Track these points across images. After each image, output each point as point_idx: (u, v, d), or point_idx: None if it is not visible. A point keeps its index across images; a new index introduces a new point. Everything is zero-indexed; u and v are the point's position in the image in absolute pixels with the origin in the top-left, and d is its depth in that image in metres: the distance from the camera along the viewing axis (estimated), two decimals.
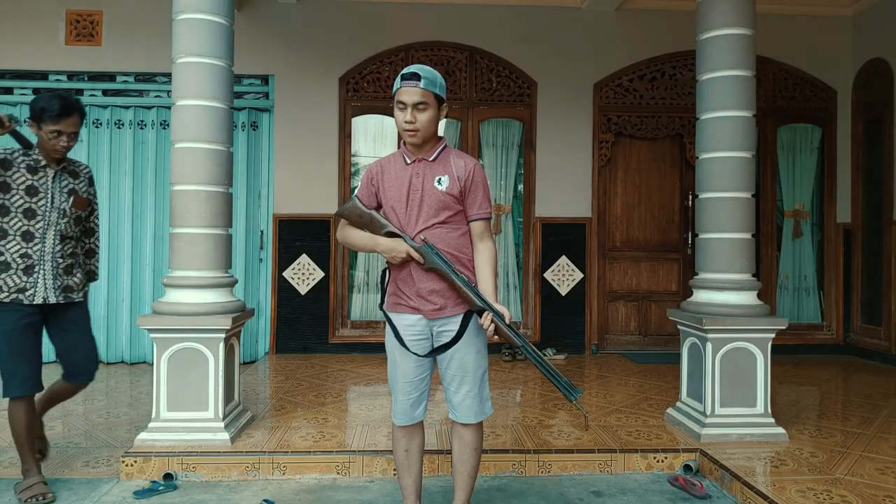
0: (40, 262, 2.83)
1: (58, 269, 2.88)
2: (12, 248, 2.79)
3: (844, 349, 6.23)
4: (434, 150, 2.38)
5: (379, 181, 2.44)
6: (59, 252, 2.88)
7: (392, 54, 6.07)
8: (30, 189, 2.82)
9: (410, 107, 2.28)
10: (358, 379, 4.97)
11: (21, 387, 2.81)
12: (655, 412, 4.08)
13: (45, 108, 2.73)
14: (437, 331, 2.39)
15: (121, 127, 5.87)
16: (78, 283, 2.98)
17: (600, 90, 6.18)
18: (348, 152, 6.07)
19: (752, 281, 3.64)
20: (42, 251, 2.84)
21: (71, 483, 3.06)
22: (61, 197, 2.89)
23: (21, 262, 2.80)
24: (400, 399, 2.47)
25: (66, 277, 2.91)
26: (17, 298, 2.78)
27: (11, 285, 2.78)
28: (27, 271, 2.81)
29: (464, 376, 2.39)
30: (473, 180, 2.36)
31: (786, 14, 6.14)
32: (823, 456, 3.28)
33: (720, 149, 3.65)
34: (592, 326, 6.18)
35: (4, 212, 2.79)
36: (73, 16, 5.81)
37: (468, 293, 2.25)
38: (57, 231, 2.87)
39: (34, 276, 2.81)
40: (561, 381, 2.19)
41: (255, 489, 3.06)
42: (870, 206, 6.12)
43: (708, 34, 3.69)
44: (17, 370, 2.80)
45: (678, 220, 6.33)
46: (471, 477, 2.49)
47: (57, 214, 2.87)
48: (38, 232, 2.83)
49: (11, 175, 2.80)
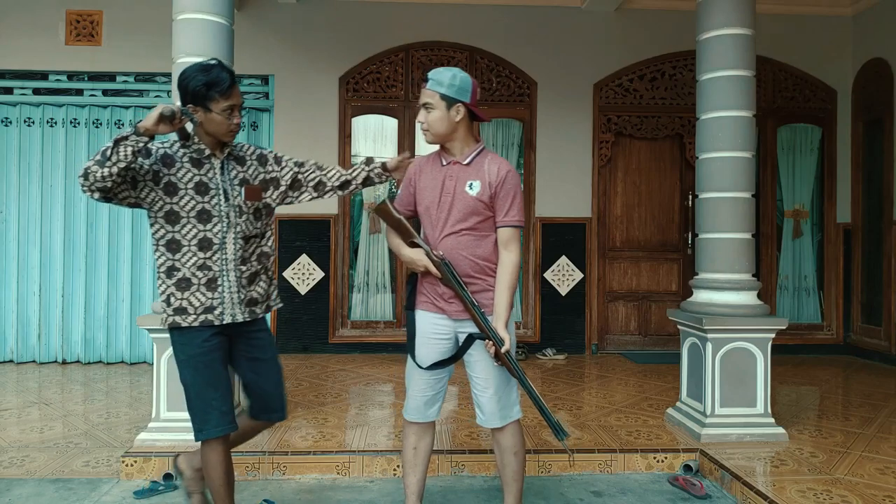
0: (222, 272, 2.32)
1: (241, 278, 2.36)
2: (189, 261, 2.29)
3: (844, 349, 6.23)
4: (469, 154, 2.37)
5: (416, 181, 2.45)
6: (241, 257, 2.36)
7: (392, 54, 6.07)
8: (199, 186, 2.29)
9: (420, 107, 2.35)
10: (358, 379, 4.97)
11: (220, 424, 2.30)
12: (655, 412, 4.08)
13: (212, 82, 2.20)
14: (460, 331, 2.39)
15: (121, 127, 5.86)
16: (262, 295, 2.44)
17: (600, 90, 6.18)
18: (348, 152, 6.07)
19: (752, 281, 3.64)
20: (223, 259, 2.32)
21: (71, 483, 3.06)
22: (233, 191, 2.35)
23: (202, 275, 2.30)
24: (415, 395, 2.47)
25: (248, 288, 2.38)
26: (207, 320, 2.29)
27: (197, 304, 2.29)
28: (210, 286, 2.30)
29: (487, 379, 2.38)
30: (504, 186, 2.33)
31: (786, 14, 6.14)
32: (823, 456, 3.28)
33: (720, 149, 3.65)
34: (592, 326, 6.18)
35: (175, 218, 2.27)
36: (73, 16, 5.82)
37: (476, 317, 2.26)
38: (238, 232, 2.34)
39: (219, 291, 2.31)
40: (552, 421, 2.25)
41: (255, 489, 3.06)
42: (870, 206, 6.12)
43: (708, 34, 3.69)
44: (211, 404, 2.29)
45: (678, 220, 6.33)
46: (514, 480, 2.47)
47: (234, 212, 2.34)
48: (216, 237, 2.30)
49: (176, 173, 2.27)
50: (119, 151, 2.03)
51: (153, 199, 2.25)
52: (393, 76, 6.09)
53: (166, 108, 2.08)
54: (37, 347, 5.78)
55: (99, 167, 2.04)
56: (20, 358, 5.76)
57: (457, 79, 2.30)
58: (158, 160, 2.26)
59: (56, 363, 5.75)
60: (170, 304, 2.29)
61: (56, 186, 5.78)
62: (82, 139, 5.81)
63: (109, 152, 2.03)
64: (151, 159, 2.24)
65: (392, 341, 5.98)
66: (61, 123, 5.81)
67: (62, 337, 5.77)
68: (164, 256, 2.29)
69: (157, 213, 2.28)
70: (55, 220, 5.79)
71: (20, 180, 5.77)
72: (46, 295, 5.78)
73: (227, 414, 2.32)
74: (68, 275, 5.78)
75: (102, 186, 2.08)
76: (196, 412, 2.30)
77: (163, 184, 2.25)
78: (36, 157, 5.78)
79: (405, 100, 6.09)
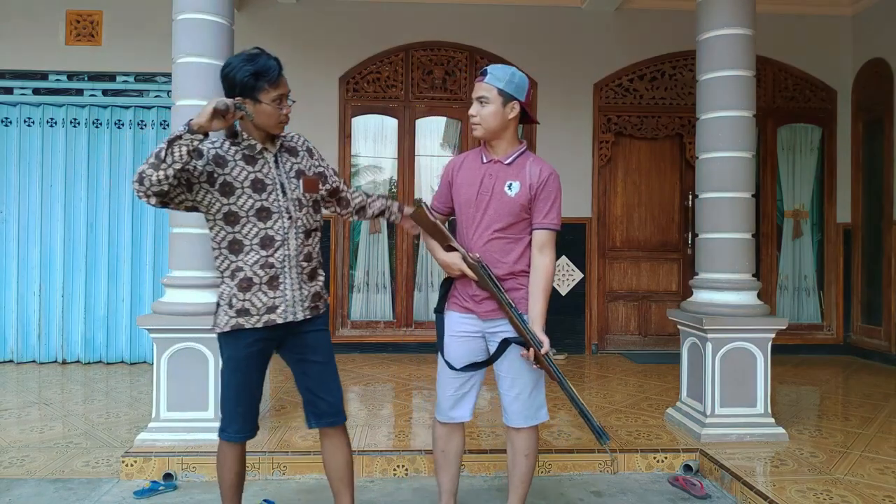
0: (283, 270, 2.22)
1: (302, 274, 2.27)
2: (252, 260, 2.19)
3: (844, 349, 6.23)
4: (511, 154, 2.35)
5: (454, 176, 2.43)
6: (303, 253, 2.26)
7: (392, 54, 6.07)
8: (256, 184, 2.18)
9: (475, 101, 2.32)
10: (358, 379, 4.97)
11: (241, 430, 2.30)
12: (655, 412, 4.08)
13: (260, 71, 2.10)
14: (489, 331, 2.37)
15: (121, 127, 5.86)
16: (323, 289, 2.36)
17: (600, 90, 6.18)
18: (348, 152, 6.07)
19: (752, 281, 3.64)
20: (286, 256, 2.22)
21: (71, 483, 3.06)
22: (290, 184, 2.24)
23: (263, 273, 2.19)
24: (445, 394, 2.44)
25: (311, 284, 2.30)
26: (270, 319, 2.21)
27: (260, 305, 2.20)
28: (272, 284, 2.21)
29: (515, 378, 2.36)
30: (545, 188, 2.31)
31: (786, 14, 6.14)
32: (823, 456, 3.28)
33: (720, 149, 3.65)
34: (592, 326, 6.18)
35: (234, 219, 2.17)
36: (73, 16, 5.81)
37: (513, 319, 2.24)
38: (300, 227, 2.25)
39: (281, 289, 2.22)
40: (594, 425, 2.22)
41: (255, 489, 3.06)
42: (870, 206, 6.12)
43: (708, 34, 3.69)
44: (237, 410, 2.28)
45: (678, 220, 6.33)
46: (521, 482, 2.46)
47: (294, 206, 2.24)
48: (278, 234, 2.20)
49: (230, 172, 2.17)
50: (174, 152, 1.95)
51: (210, 201, 2.16)
52: (393, 76, 6.09)
53: (220, 102, 1.97)
54: (37, 347, 5.78)
55: (154, 170, 1.95)
56: (20, 358, 5.76)
57: (515, 77, 2.30)
58: (211, 161, 2.15)
59: (56, 363, 5.75)
60: (231, 307, 2.20)
61: (56, 186, 5.78)
62: (82, 139, 5.80)
63: (164, 154, 1.94)
64: (203, 160, 2.14)
65: (392, 341, 5.98)
66: (61, 123, 5.81)
67: (62, 337, 5.76)
68: (227, 260, 2.21)
69: (215, 216, 2.19)
70: (55, 220, 5.78)
71: (20, 180, 5.77)
72: (46, 295, 5.78)
73: (250, 422, 2.31)
74: (68, 275, 5.78)
75: (159, 190, 1.99)
76: (224, 411, 2.30)
77: (218, 185, 2.15)
78: (36, 157, 5.78)
79: (405, 100, 6.09)
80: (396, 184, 6.16)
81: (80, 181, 5.79)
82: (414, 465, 3.27)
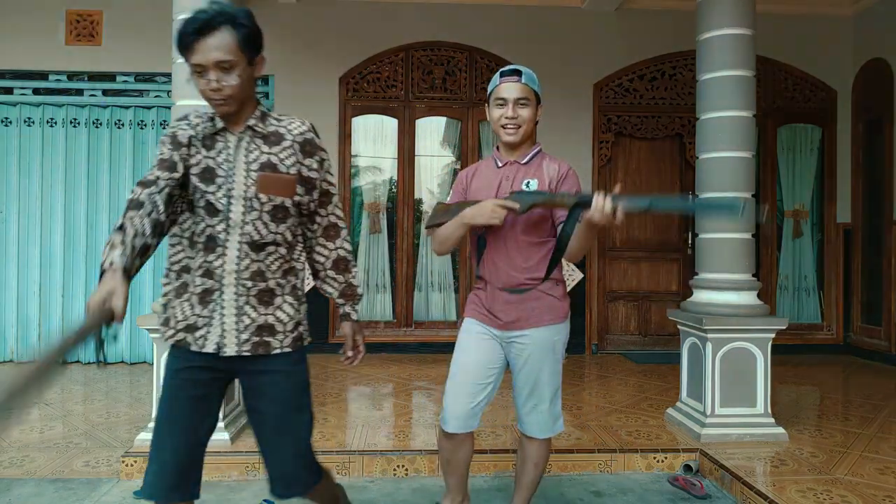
0: (219, 284, 1.71)
1: (247, 296, 1.72)
2: (196, 263, 1.74)
3: (844, 349, 6.23)
4: (528, 153, 2.31)
5: (469, 182, 2.36)
6: (248, 269, 1.71)
7: (392, 54, 6.07)
8: (205, 172, 1.70)
9: (511, 102, 2.22)
10: (358, 379, 4.97)
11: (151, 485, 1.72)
12: (655, 412, 4.08)
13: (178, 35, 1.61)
14: (507, 340, 2.31)
15: (121, 127, 5.86)
16: (283, 322, 1.78)
17: (600, 90, 6.18)
18: (348, 153, 6.07)
19: (752, 281, 3.64)
20: (222, 268, 1.71)
21: (71, 483, 3.06)
22: (245, 178, 1.69)
23: (200, 282, 1.72)
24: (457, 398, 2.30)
25: (256, 311, 1.73)
26: (184, 341, 1.73)
27: (180, 318, 1.74)
28: (203, 298, 1.72)
29: (532, 389, 2.30)
30: (566, 181, 2.23)
31: (786, 14, 6.13)
32: (823, 456, 3.28)
33: (720, 149, 3.65)
34: (592, 326, 6.18)
35: (192, 209, 1.75)
36: (73, 16, 5.81)
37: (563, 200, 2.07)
38: (244, 236, 1.70)
39: (210, 308, 1.72)
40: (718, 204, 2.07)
41: (255, 489, 3.06)
42: (870, 206, 6.12)
43: (708, 34, 3.69)
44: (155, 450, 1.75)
45: (678, 220, 6.33)
46: (527, 488, 2.44)
47: (241, 208, 1.69)
48: (220, 236, 1.70)
49: (194, 154, 1.71)
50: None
51: None
52: (393, 76, 6.09)
53: None
54: (37, 347, 5.78)
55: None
56: (20, 358, 5.76)
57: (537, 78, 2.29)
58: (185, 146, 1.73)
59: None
60: (165, 310, 1.79)
61: (56, 186, 5.78)
62: (82, 139, 5.81)
63: None
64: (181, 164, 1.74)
65: (392, 341, 5.98)
66: (61, 123, 5.81)
67: (62, 337, 5.75)
68: (181, 253, 1.80)
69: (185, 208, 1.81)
70: (55, 220, 5.78)
71: (20, 180, 5.77)
72: (46, 295, 5.78)
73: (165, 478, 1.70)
74: (68, 275, 5.78)
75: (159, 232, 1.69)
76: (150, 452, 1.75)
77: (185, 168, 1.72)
78: (36, 157, 5.78)
79: (405, 100, 6.08)
80: (396, 184, 6.16)
81: (80, 181, 5.79)
82: (414, 465, 3.27)
